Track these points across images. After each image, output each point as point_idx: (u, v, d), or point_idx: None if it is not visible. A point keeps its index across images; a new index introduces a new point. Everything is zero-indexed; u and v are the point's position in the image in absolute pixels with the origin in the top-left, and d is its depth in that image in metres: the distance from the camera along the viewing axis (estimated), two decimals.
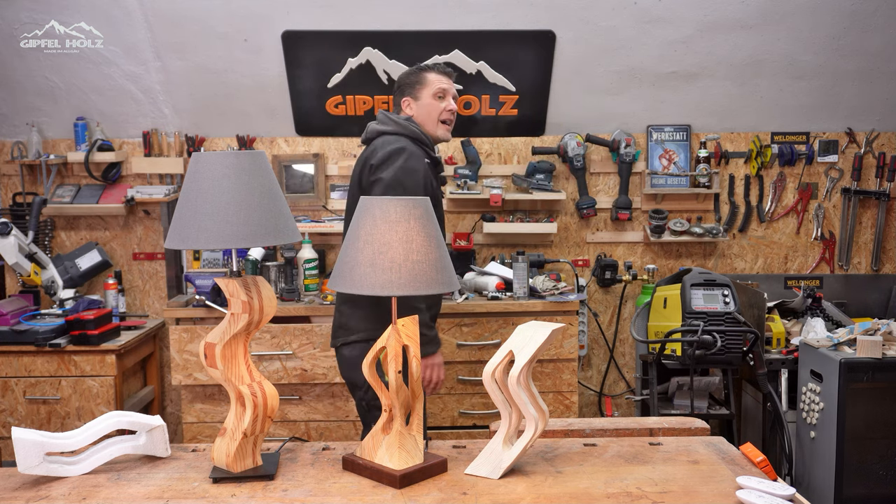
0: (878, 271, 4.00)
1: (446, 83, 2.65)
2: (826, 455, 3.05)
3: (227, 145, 3.87)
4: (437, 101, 2.62)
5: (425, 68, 2.68)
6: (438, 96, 2.62)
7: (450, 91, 2.64)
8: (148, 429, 1.73)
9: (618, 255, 3.99)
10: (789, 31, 3.54)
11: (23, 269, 3.49)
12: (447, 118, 2.63)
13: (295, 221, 1.68)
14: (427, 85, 2.64)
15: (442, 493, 1.54)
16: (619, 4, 3.45)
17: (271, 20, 3.49)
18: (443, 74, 2.66)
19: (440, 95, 2.62)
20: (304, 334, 3.34)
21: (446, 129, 2.65)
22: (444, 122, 2.63)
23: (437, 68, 2.67)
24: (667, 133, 3.89)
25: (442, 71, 2.66)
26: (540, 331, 1.63)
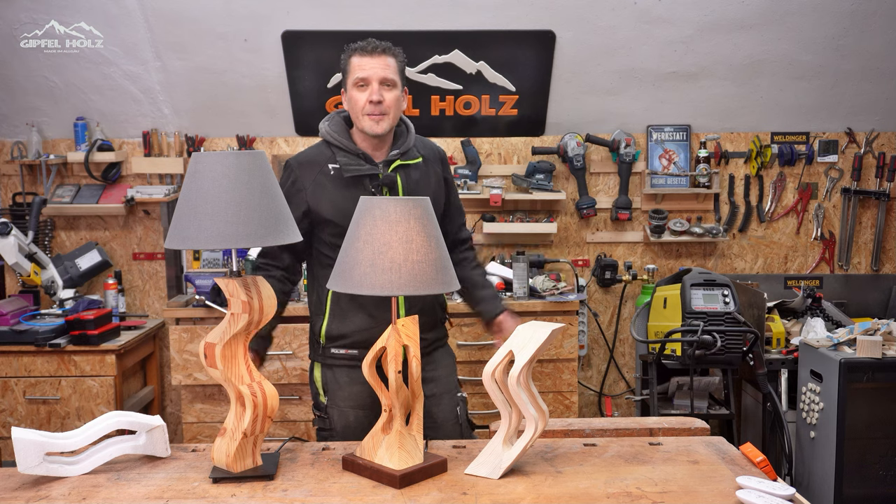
0: (878, 271, 4.00)
1: (368, 68, 2.17)
2: (826, 455, 3.05)
3: (227, 145, 3.87)
4: (357, 92, 2.18)
5: (348, 50, 2.24)
6: (359, 85, 2.18)
7: (372, 77, 2.16)
8: (148, 429, 1.73)
9: (618, 255, 3.99)
10: (789, 31, 3.54)
11: (23, 269, 3.49)
12: (370, 111, 2.16)
13: (295, 221, 1.67)
14: (349, 72, 2.22)
15: (442, 493, 1.54)
16: (619, 4, 3.45)
17: (271, 20, 3.49)
18: (364, 55, 2.19)
19: (360, 84, 2.17)
20: (304, 334, 3.34)
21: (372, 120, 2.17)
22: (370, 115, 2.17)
23: (359, 48, 2.21)
24: (667, 133, 3.89)
25: (364, 51, 2.19)
26: (540, 331, 1.63)
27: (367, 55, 2.19)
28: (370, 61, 2.18)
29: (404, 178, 2.22)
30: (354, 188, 2.18)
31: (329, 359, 2.21)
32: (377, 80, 2.16)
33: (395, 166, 2.21)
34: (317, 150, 2.26)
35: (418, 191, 2.23)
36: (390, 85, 2.18)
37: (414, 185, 2.23)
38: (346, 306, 2.19)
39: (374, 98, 2.15)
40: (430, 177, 2.28)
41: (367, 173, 2.18)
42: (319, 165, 2.22)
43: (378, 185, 2.19)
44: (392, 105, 2.18)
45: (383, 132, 2.19)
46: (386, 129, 2.19)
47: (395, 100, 2.19)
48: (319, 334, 2.22)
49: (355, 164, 2.19)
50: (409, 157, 2.24)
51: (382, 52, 2.19)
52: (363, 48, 2.19)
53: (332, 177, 2.20)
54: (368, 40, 2.21)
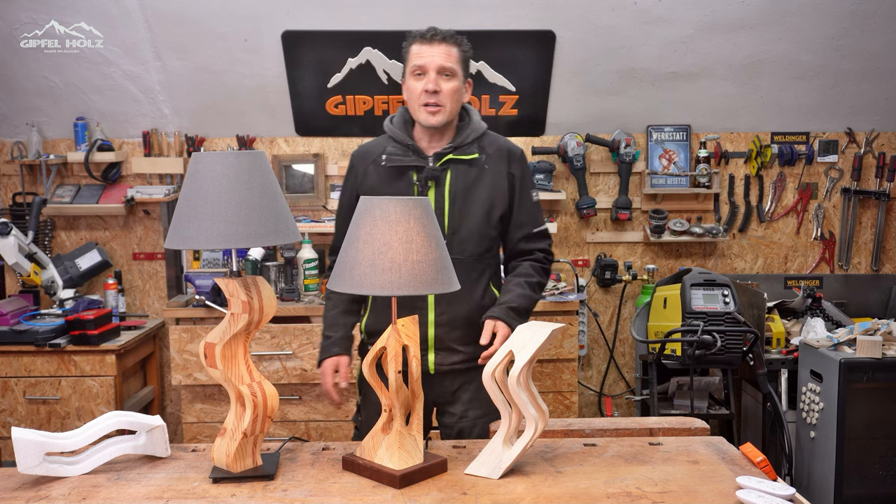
0: (878, 271, 4.00)
1: (426, 56, 2.09)
2: (826, 455, 3.05)
3: (227, 145, 3.87)
4: (413, 81, 2.11)
5: (408, 38, 2.15)
6: (416, 74, 2.10)
7: (429, 66, 2.08)
8: (148, 429, 1.73)
9: (618, 255, 3.99)
10: (789, 31, 3.54)
11: (23, 269, 3.49)
12: (425, 101, 2.08)
13: (295, 221, 1.67)
14: (407, 60, 2.13)
15: (442, 493, 1.54)
16: (619, 4, 3.45)
17: (271, 20, 3.49)
18: (424, 43, 2.10)
19: (418, 73, 2.10)
20: (304, 334, 3.34)
21: (427, 111, 2.09)
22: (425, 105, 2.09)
23: (419, 35, 2.12)
24: (667, 133, 3.89)
25: (423, 38, 2.11)
26: (540, 331, 1.63)
27: (426, 43, 2.10)
28: (429, 49, 2.09)
29: (454, 174, 2.12)
30: (399, 180, 2.12)
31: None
32: (434, 68, 2.07)
33: (445, 160, 2.12)
34: (377, 141, 2.22)
35: (470, 189, 2.13)
36: (449, 74, 2.09)
37: (465, 183, 2.13)
38: (382, 301, 2.14)
39: (430, 87, 2.06)
40: (488, 176, 2.15)
41: (410, 164, 2.11)
42: (373, 155, 2.18)
43: (423, 178, 2.11)
44: (450, 96, 2.08)
45: (438, 124, 2.09)
46: (442, 121, 2.09)
47: (454, 91, 2.09)
48: (361, 329, 2.23)
49: (401, 153, 2.13)
50: (463, 153, 2.14)
51: (442, 40, 2.10)
52: (423, 35, 2.11)
53: (383, 168, 2.15)
54: (430, 27, 2.12)
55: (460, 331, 2.13)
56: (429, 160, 2.12)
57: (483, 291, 2.18)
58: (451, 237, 2.12)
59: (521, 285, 2.16)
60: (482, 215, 2.14)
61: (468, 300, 2.12)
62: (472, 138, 2.15)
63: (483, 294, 2.18)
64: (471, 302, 2.13)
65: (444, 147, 2.13)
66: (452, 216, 2.13)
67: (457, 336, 2.13)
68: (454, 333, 2.13)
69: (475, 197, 2.14)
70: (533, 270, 2.21)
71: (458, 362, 2.15)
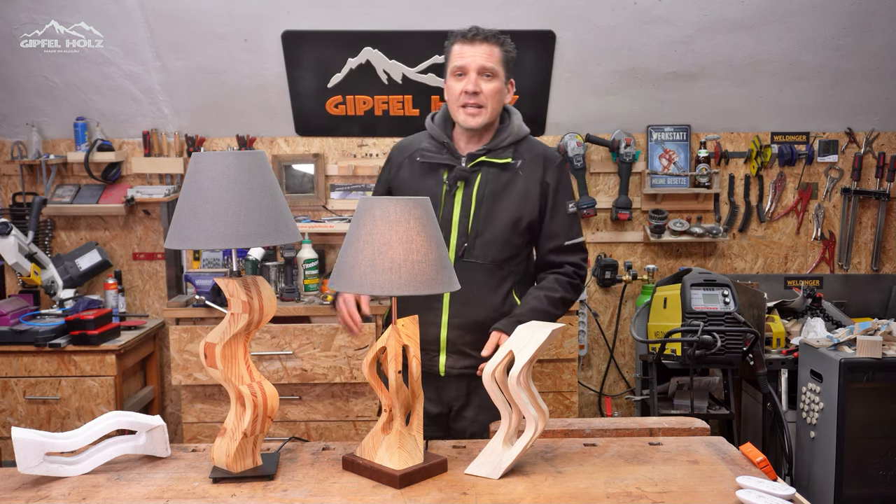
0: (878, 271, 4.00)
1: (467, 56, 2.05)
2: (826, 455, 3.05)
3: (227, 145, 3.87)
4: (454, 81, 2.08)
5: (451, 37, 2.11)
6: (457, 74, 2.07)
7: (470, 66, 2.04)
8: (148, 429, 1.73)
9: (618, 255, 3.99)
10: (789, 31, 3.54)
11: (23, 269, 3.49)
12: (464, 101, 2.05)
13: (295, 221, 1.67)
14: (449, 60, 2.10)
15: (442, 493, 1.54)
16: (619, 4, 3.45)
17: (271, 20, 3.49)
18: (465, 42, 2.06)
19: (458, 73, 2.06)
20: (304, 334, 3.34)
21: (466, 113, 2.06)
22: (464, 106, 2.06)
23: (460, 35, 2.08)
24: (667, 133, 3.89)
25: (465, 38, 2.07)
26: (540, 331, 1.63)
27: (468, 43, 2.06)
28: (470, 49, 2.05)
29: (485, 177, 2.09)
30: (430, 177, 2.10)
31: None
32: (475, 69, 2.03)
33: (477, 162, 2.09)
34: (416, 137, 2.22)
35: (499, 194, 2.09)
36: (490, 75, 2.05)
37: (495, 187, 2.09)
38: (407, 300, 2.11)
39: (470, 88, 2.03)
40: (520, 182, 2.11)
41: (442, 162, 2.09)
42: (410, 150, 2.17)
43: (453, 177, 2.08)
44: (491, 97, 2.05)
45: (478, 126, 2.06)
46: (481, 122, 2.06)
47: (495, 92, 2.06)
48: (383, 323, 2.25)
49: (435, 151, 2.11)
50: (497, 156, 2.10)
51: (484, 39, 2.06)
52: (464, 35, 2.07)
53: (417, 163, 2.13)
54: (472, 27, 2.08)
55: (473, 335, 2.10)
56: (461, 160, 2.10)
57: (503, 299, 2.13)
58: (473, 240, 2.09)
59: (539, 299, 2.11)
60: (508, 221, 2.10)
61: (485, 305, 2.10)
62: (508, 142, 2.12)
63: (503, 301, 2.13)
64: (487, 307, 2.10)
65: (478, 149, 2.10)
66: (477, 219, 2.09)
67: (469, 340, 2.10)
68: (467, 337, 2.10)
69: (503, 202, 2.10)
70: (557, 284, 2.15)
71: (470, 367, 2.12)
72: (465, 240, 2.10)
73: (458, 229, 2.10)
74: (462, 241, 2.10)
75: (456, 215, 2.11)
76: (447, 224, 2.10)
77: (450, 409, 2.20)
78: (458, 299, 2.08)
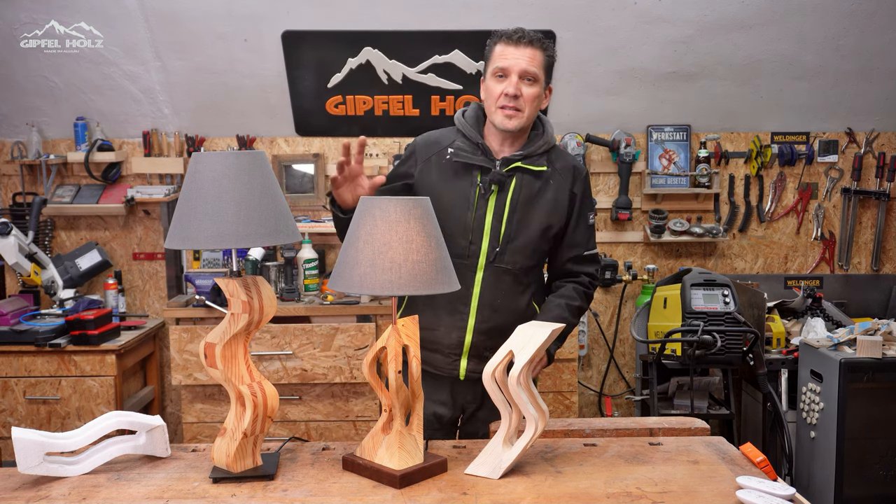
0: (878, 271, 4.00)
1: (510, 58, 2.02)
2: (826, 455, 3.05)
3: (227, 145, 3.87)
4: (494, 82, 2.05)
5: (494, 36, 2.08)
6: (498, 75, 2.04)
7: (512, 68, 2.02)
8: (148, 429, 1.73)
9: (618, 255, 3.99)
10: (789, 31, 3.54)
11: (23, 269, 3.49)
12: (503, 103, 2.03)
13: (295, 221, 1.67)
14: (490, 60, 2.07)
15: (442, 493, 1.54)
16: (619, 4, 3.45)
17: (271, 20, 3.49)
18: (510, 44, 2.04)
19: (500, 74, 2.04)
20: (304, 334, 3.34)
21: (504, 114, 2.04)
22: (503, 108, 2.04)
23: (505, 35, 2.05)
24: (667, 133, 3.89)
25: (509, 39, 2.04)
26: (540, 331, 1.63)
27: (512, 44, 2.03)
28: (514, 51, 2.02)
29: (519, 183, 2.07)
30: (462, 178, 2.07)
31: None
32: (517, 71, 2.01)
33: (513, 167, 2.07)
34: (444, 133, 2.16)
35: (532, 201, 2.08)
36: (532, 79, 2.03)
37: (529, 193, 2.08)
38: (417, 301, 2.11)
39: (511, 91, 2.01)
40: (552, 191, 2.10)
41: (478, 163, 2.06)
42: (440, 147, 2.12)
43: (488, 180, 2.06)
44: (530, 101, 2.04)
45: (514, 129, 2.05)
46: (518, 126, 2.05)
47: (534, 97, 2.04)
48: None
49: (469, 150, 2.08)
50: (532, 163, 2.09)
51: (529, 42, 2.03)
52: (509, 36, 2.04)
53: (447, 161, 2.09)
54: (517, 28, 2.05)
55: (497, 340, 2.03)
56: (496, 163, 2.08)
57: (526, 305, 2.14)
58: (504, 245, 2.08)
59: (561, 307, 2.12)
60: (539, 229, 2.10)
61: (511, 311, 2.09)
62: (542, 150, 2.11)
63: (526, 308, 2.14)
64: (514, 314, 2.09)
65: (513, 153, 2.09)
66: (510, 225, 2.08)
67: (493, 345, 2.06)
68: (491, 342, 2.08)
69: (536, 209, 2.10)
70: (576, 294, 2.17)
71: None
72: (496, 245, 2.08)
73: (490, 234, 2.08)
74: (493, 247, 2.08)
75: (489, 220, 2.09)
76: (479, 227, 2.08)
77: (463, 411, 2.21)
78: (486, 305, 2.08)
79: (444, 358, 2.13)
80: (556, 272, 2.22)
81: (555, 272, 2.23)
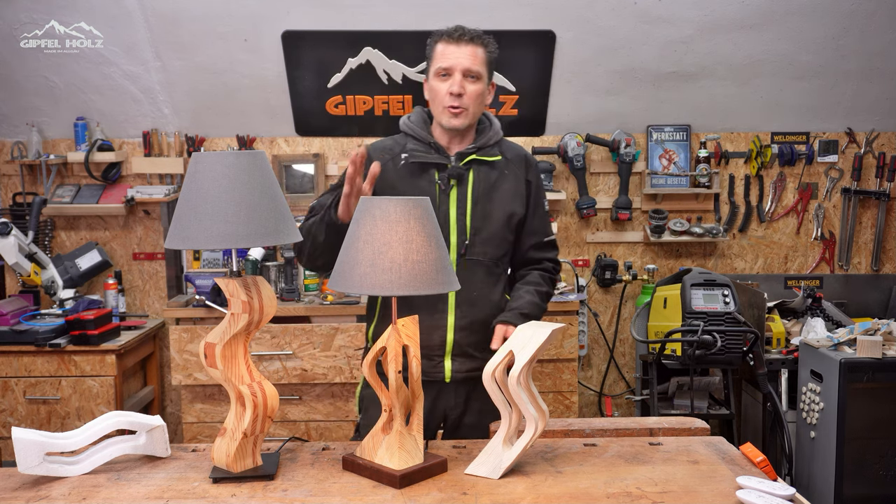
0: (878, 271, 4.00)
1: (452, 57, 2.03)
2: (826, 455, 3.05)
3: (227, 145, 3.87)
4: (438, 82, 2.06)
5: (434, 35, 2.10)
6: (441, 75, 2.05)
7: (455, 67, 2.03)
8: (148, 429, 1.73)
9: (618, 255, 3.99)
10: (789, 31, 3.54)
11: (23, 269, 3.49)
12: (449, 103, 2.04)
13: (295, 221, 1.67)
14: (432, 60, 2.08)
15: (442, 493, 1.54)
16: (619, 4, 3.45)
17: (271, 20, 3.49)
18: (450, 43, 2.05)
19: (443, 74, 2.04)
20: (304, 334, 3.34)
21: (450, 113, 2.05)
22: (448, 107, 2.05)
23: (445, 34, 2.07)
24: (667, 133, 3.89)
25: (450, 38, 2.05)
26: (540, 331, 1.63)
27: (453, 43, 2.04)
28: (455, 50, 2.03)
29: (477, 175, 2.09)
30: (421, 178, 2.08)
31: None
32: (460, 70, 2.02)
33: (468, 160, 2.09)
34: (395, 139, 2.17)
35: (491, 191, 2.10)
36: (475, 77, 2.04)
37: (488, 184, 2.10)
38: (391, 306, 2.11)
39: (455, 90, 2.02)
40: (508, 180, 2.13)
41: (434, 161, 2.07)
42: (393, 153, 2.12)
43: (446, 176, 2.07)
44: (474, 99, 2.05)
45: (461, 127, 2.06)
46: (464, 124, 2.06)
47: (478, 94, 2.06)
48: (368, 337, 2.16)
49: (423, 151, 2.09)
50: (486, 154, 2.11)
51: (470, 40, 2.04)
52: (450, 35, 2.05)
53: (403, 165, 2.10)
54: (457, 26, 2.06)
55: (478, 335, 2.07)
56: (451, 159, 2.09)
57: (500, 296, 2.14)
58: (473, 237, 2.08)
59: (531, 293, 2.13)
60: (503, 218, 2.11)
61: (488, 304, 2.09)
62: (493, 141, 2.14)
63: (500, 299, 2.14)
64: (490, 306, 2.09)
65: (467, 147, 2.10)
66: (475, 216, 2.09)
67: (474, 341, 2.08)
68: (472, 338, 2.08)
69: (497, 199, 2.12)
70: (542, 280, 2.19)
71: (474, 369, 2.07)
72: (465, 238, 2.08)
73: (457, 228, 2.09)
74: (462, 240, 2.08)
75: (453, 214, 2.09)
76: (445, 223, 2.08)
77: (445, 419, 2.16)
78: (463, 300, 2.06)
79: (428, 362, 2.08)
80: (520, 261, 2.22)
81: (518, 261, 2.22)
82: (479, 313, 2.08)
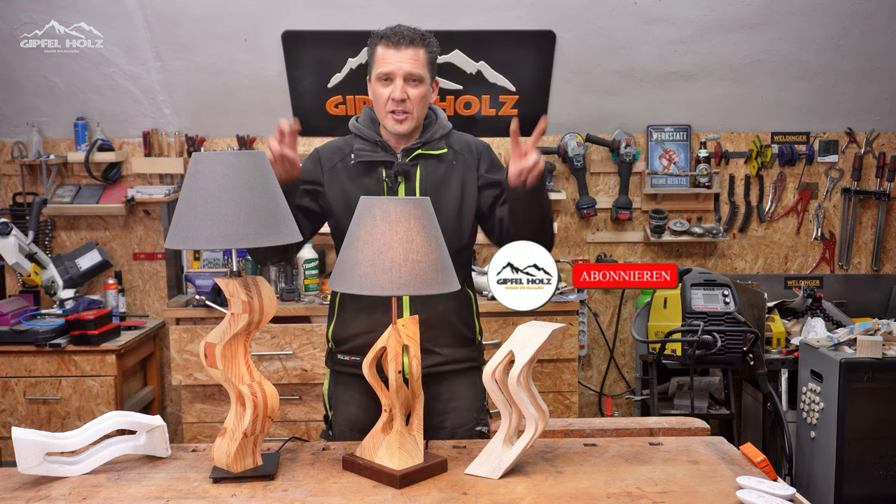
0: (878, 271, 4.00)
1: (393, 62, 2.01)
2: (826, 455, 3.05)
3: (227, 145, 3.87)
4: (380, 87, 2.03)
5: (373, 37, 2.07)
6: (383, 80, 2.02)
7: (396, 73, 2.00)
8: (148, 429, 1.73)
9: (618, 255, 3.99)
10: (789, 31, 3.54)
11: (23, 269, 3.49)
12: (392, 108, 2.02)
13: (295, 221, 1.67)
14: (373, 63, 2.05)
15: (442, 493, 1.54)
16: (619, 4, 3.45)
17: (271, 20, 3.49)
18: (390, 46, 2.02)
19: (384, 79, 2.02)
20: (304, 334, 3.34)
21: (394, 119, 2.03)
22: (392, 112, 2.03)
23: (384, 38, 2.04)
24: (667, 133, 3.89)
25: (389, 42, 2.03)
26: (540, 331, 1.63)
27: (393, 47, 2.01)
28: (395, 55, 2.00)
29: (424, 170, 2.08)
30: (368, 177, 2.07)
31: (337, 365, 2.12)
32: (401, 75, 2.00)
33: (415, 156, 2.08)
34: (345, 140, 2.16)
35: (440, 185, 2.08)
36: (417, 80, 2.02)
37: (436, 178, 2.08)
38: (349, 307, 2.09)
39: (397, 96, 2.00)
40: (457, 173, 2.10)
41: (380, 159, 2.06)
42: (343, 154, 2.11)
43: (393, 173, 2.05)
44: (417, 102, 2.03)
45: (406, 132, 2.05)
46: (409, 128, 2.05)
47: (421, 97, 2.04)
48: (329, 338, 2.15)
49: (369, 150, 2.08)
50: (432, 147, 2.10)
51: (410, 43, 2.02)
52: (389, 39, 2.02)
53: (353, 165, 2.09)
54: (396, 28, 2.04)
55: (435, 330, 2.05)
56: (398, 156, 2.08)
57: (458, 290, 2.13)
58: None
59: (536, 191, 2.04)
60: (454, 211, 2.09)
61: (444, 299, 2.03)
62: (439, 135, 2.12)
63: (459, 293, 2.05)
64: (445, 299, 2.03)
65: (412, 143, 2.09)
66: None
67: (432, 336, 2.05)
68: (429, 334, 2.04)
69: (446, 192, 2.10)
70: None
71: (436, 364, 2.06)
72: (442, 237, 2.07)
73: None
74: None
75: None
76: None
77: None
78: (416, 297, 2.02)
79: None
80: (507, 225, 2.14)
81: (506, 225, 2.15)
82: (434, 309, 2.05)
